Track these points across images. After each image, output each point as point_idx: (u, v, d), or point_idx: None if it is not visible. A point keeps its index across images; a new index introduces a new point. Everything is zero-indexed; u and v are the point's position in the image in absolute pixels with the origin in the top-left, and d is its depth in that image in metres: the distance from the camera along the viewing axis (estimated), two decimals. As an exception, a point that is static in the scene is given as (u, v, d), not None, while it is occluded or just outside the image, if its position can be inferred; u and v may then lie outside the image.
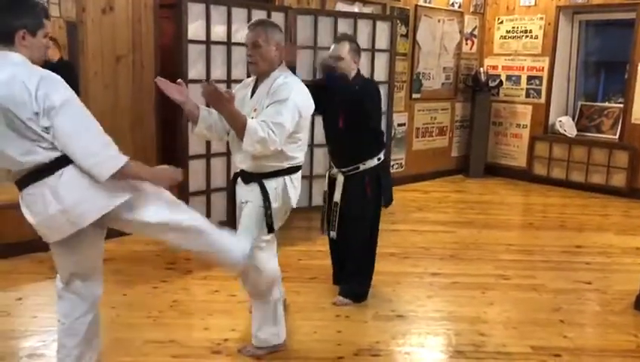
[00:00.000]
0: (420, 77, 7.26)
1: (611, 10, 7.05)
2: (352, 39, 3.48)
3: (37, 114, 2.04)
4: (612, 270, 4.40)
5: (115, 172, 2.14)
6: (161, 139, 4.97)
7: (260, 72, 2.85)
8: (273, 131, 2.61)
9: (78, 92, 4.79)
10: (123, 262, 4.22)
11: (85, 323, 2.48)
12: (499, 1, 7.85)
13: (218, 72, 4.87)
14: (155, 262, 4.25)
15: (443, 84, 7.65)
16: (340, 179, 3.43)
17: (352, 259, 3.60)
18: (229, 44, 4.90)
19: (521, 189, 7.35)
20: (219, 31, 4.85)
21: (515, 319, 3.48)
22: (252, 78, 3.00)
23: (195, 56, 4.72)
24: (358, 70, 3.48)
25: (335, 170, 3.48)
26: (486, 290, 3.90)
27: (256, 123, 2.60)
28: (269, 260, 2.89)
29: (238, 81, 4.88)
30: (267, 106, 2.71)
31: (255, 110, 2.78)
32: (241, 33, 4.96)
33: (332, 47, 3.45)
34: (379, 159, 3.47)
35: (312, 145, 5.40)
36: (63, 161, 2.12)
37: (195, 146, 4.85)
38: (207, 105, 2.82)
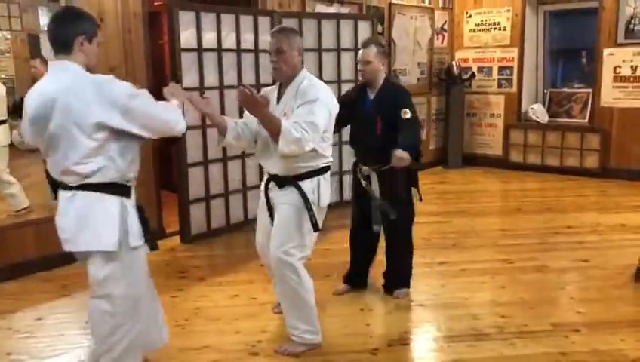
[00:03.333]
0: (397, 73, 7.41)
1: (575, 0, 7.35)
2: (379, 42, 3.52)
3: (98, 123, 2.18)
4: (605, 247, 4.62)
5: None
6: (158, 149, 4.95)
7: (284, 77, 2.91)
8: (307, 131, 2.68)
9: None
10: (134, 275, 4.20)
11: None
12: (466, -4, 8.08)
13: (210, 78, 4.89)
14: (166, 272, 4.24)
15: (418, 79, 7.83)
16: (374, 175, 3.50)
17: (399, 250, 3.69)
18: (219, 50, 4.93)
19: (500, 176, 7.60)
20: (209, 38, 4.87)
21: (529, 299, 3.64)
22: (275, 86, 3.06)
23: (188, 64, 4.73)
24: (386, 74, 3.60)
25: (365, 168, 3.55)
26: (495, 275, 4.05)
27: (290, 124, 2.67)
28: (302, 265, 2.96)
29: (230, 87, 4.97)
30: (297, 107, 2.78)
31: (285, 114, 2.84)
32: (230, 39, 5.01)
33: (360, 52, 3.50)
34: None
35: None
36: (81, 186, 2.27)
37: (193, 154, 4.86)
38: (241, 110, 2.87)
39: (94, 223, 2.27)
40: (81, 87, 2.17)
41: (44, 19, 7.34)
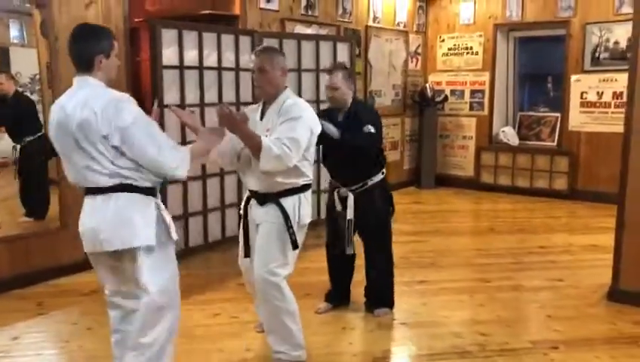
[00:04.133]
0: (373, 94, 7.53)
1: (544, 28, 7.61)
2: (343, 67, 3.59)
3: (105, 136, 2.27)
4: (577, 267, 4.75)
5: (188, 168, 2.46)
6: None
7: (267, 96, 2.95)
8: (288, 147, 2.71)
9: (39, 127, 4.75)
10: (111, 293, 4.14)
11: (127, 335, 2.61)
12: (440, 20, 8.29)
13: (191, 96, 4.90)
14: (144, 291, 4.18)
15: (393, 100, 7.97)
16: (351, 197, 3.55)
17: (380, 268, 3.70)
18: (201, 68, 4.94)
19: (472, 197, 7.74)
20: (191, 56, 4.88)
21: (507, 318, 3.71)
22: (257, 105, 3.09)
23: (169, 81, 4.73)
24: (354, 95, 3.62)
25: (343, 189, 3.59)
26: (473, 294, 4.12)
27: (271, 141, 2.70)
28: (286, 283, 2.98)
29: (211, 105, 4.98)
30: (280, 124, 2.81)
31: (268, 130, 2.87)
32: (212, 57, 5.03)
33: (327, 78, 3.53)
34: (382, 173, 3.64)
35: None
36: (115, 188, 2.35)
37: (172, 171, 4.83)
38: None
39: (132, 221, 2.36)
40: (95, 101, 2.28)
41: (14, 32, 7.24)
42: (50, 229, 4.51)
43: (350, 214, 3.53)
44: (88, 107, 2.26)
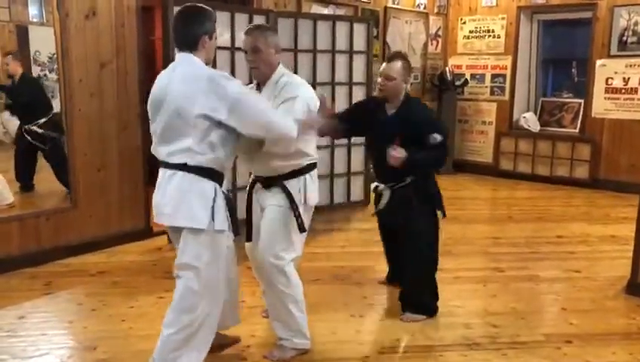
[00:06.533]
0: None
1: (569, 10, 7.37)
2: (404, 57, 3.34)
3: (203, 115, 2.33)
4: (595, 258, 4.61)
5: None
6: (146, 146, 4.85)
7: (262, 77, 2.85)
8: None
9: (50, 106, 4.69)
10: (119, 274, 4.12)
11: None
12: (461, 2, 8.08)
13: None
14: (152, 273, 4.16)
15: (412, 84, 7.81)
16: (387, 193, 3.44)
17: (413, 272, 3.46)
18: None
19: (491, 184, 7.59)
20: (204, 35, 4.79)
21: (521, 309, 3.61)
22: (253, 84, 3.00)
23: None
24: (406, 91, 3.39)
25: (381, 186, 3.46)
26: (487, 283, 4.02)
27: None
28: (293, 268, 2.91)
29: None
30: (278, 106, 2.73)
31: None
32: (225, 37, 4.94)
33: (383, 65, 3.31)
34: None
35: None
36: (181, 166, 2.41)
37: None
38: None
39: (190, 202, 2.42)
40: (197, 77, 2.36)
41: (33, 10, 7.22)
42: (60, 208, 4.50)
43: (382, 205, 3.49)
44: (190, 83, 2.34)
